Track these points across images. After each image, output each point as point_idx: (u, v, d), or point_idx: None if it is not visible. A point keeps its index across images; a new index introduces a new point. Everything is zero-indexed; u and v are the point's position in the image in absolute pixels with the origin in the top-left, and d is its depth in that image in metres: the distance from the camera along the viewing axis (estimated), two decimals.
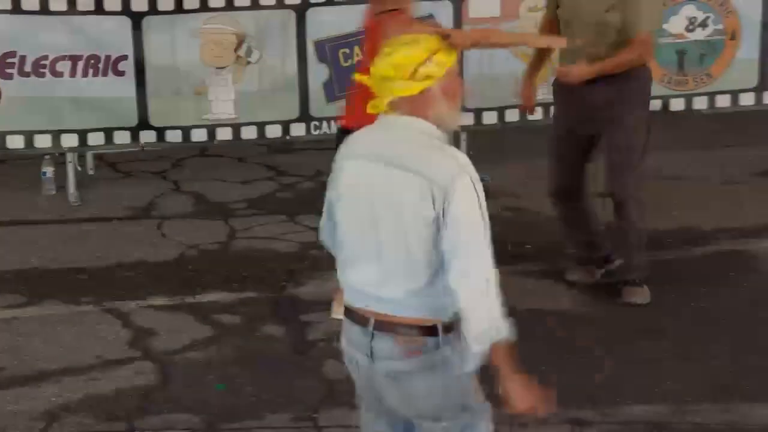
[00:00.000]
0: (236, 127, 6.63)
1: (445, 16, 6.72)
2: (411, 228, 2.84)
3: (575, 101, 5.06)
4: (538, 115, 6.89)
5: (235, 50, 6.60)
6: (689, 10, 6.91)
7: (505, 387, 2.92)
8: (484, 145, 7.11)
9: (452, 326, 2.89)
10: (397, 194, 2.85)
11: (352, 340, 2.97)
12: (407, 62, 2.83)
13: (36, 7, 6.29)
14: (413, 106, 2.86)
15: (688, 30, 6.96)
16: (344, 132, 4.71)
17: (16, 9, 6.26)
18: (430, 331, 2.88)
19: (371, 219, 2.88)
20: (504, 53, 6.80)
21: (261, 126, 6.67)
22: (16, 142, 6.48)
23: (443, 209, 2.81)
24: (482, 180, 3.00)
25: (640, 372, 4.52)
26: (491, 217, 3.00)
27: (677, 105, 7.04)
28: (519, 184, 6.74)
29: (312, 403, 4.31)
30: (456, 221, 2.81)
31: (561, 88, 5.13)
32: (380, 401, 3.03)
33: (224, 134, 6.63)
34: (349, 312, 2.98)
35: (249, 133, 6.66)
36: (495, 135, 7.10)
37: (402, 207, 2.84)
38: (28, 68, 6.37)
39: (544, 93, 6.87)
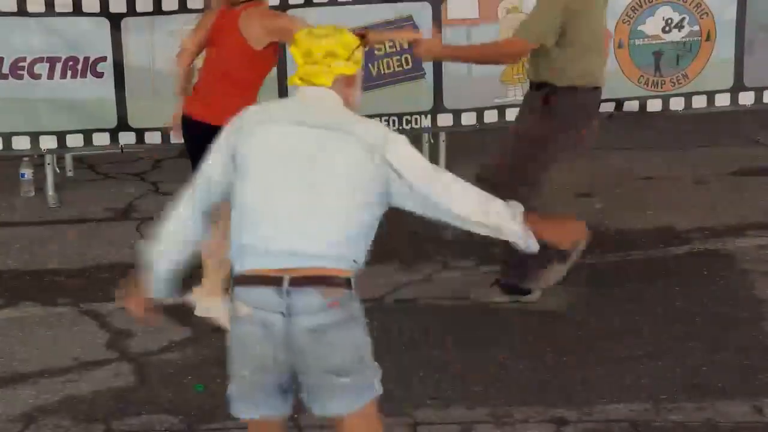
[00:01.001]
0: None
1: (424, 18, 6.74)
2: (341, 183, 3.03)
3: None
4: (515, 115, 6.94)
5: None
6: (665, 12, 6.95)
7: (549, 236, 3.19)
8: (462, 146, 7.14)
9: (353, 280, 3.08)
10: (328, 153, 3.04)
11: (262, 303, 2.99)
12: (350, 44, 3.14)
13: (13, 8, 6.27)
14: (344, 85, 3.16)
15: (664, 31, 7.00)
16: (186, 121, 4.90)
17: None
18: (347, 283, 3.04)
19: (295, 178, 3.02)
20: None
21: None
22: None
23: (386, 164, 3.05)
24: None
25: (617, 370, 4.54)
26: None
27: (654, 106, 7.08)
28: None
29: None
30: (408, 165, 3.07)
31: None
32: (285, 363, 3.04)
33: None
34: (251, 277, 3.01)
35: None
36: (473, 136, 7.12)
37: (333, 164, 3.03)
38: (5, 70, 6.34)
39: (519, 95, 6.94)
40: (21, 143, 6.46)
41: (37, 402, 4.34)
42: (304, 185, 3.02)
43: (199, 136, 4.58)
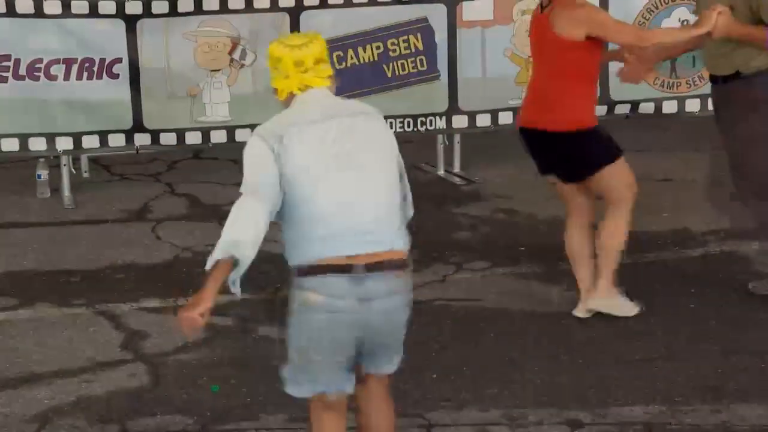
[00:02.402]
0: (231, 130, 6.64)
1: (438, 20, 6.75)
2: (391, 164, 3.33)
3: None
4: None
5: (230, 53, 6.61)
6: (681, 13, 6.93)
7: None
8: (477, 147, 7.14)
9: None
10: (371, 134, 3.33)
11: (335, 293, 3.21)
12: (325, 47, 3.43)
13: (30, 10, 6.30)
14: (332, 81, 3.43)
15: None
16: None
17: (11, 12, 6.28)
18: (407, 263, 3.32)
19: (354, 167, 3.24)
20: (498, 55, 6.83)
21: (255, 128, 6.66)
22: (10, 145, 6.49)
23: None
24: (474, 182, 3.16)
25: (632, 372, 4.53)
26: (485, 219, 3.06)
27: (670, 108, 7.06)
28: (512, 186, 6.76)
29: (305, 404, 4.31)
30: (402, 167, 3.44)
31: None
32: (355, 343, 3.28)
33: (219, 137, 6.65)
34: (324, 267, 3.21)
35: (243, 135, 6.66)
36: (488, 137, 7.12)
37: (380, 144, 3.33)
38: (22, 71, 6.38)
39: None
40: (37, 144, 6.49)
41: (53, 402, 4.36)
42: (356, 172, 3.25)
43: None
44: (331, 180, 3.23)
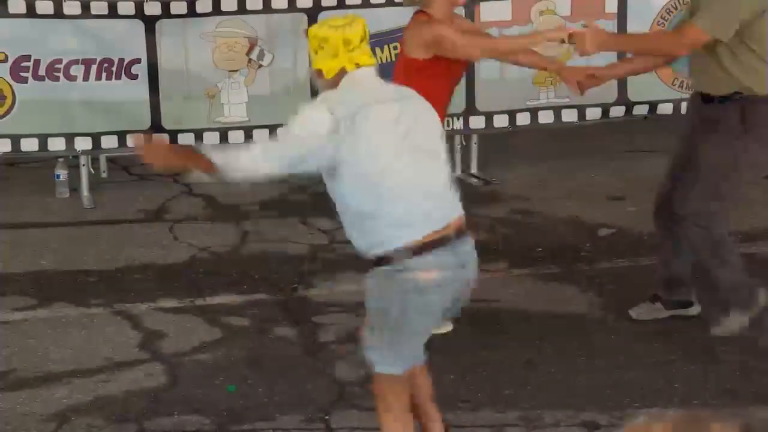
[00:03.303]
0: (248, 130, 6.66)
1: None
2: (442, 142, 3.53)
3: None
4: (548, 118, 6.93)
5: (247, 54, 6.63)
6: None
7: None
8: (494, 148, 7.12)
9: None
10: (426, 116, 3.49)
11: (443, 265, 3.35)
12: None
13: (50, 11, 6.33)
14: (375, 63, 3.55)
15: None
16: None
17: (31, 13, 6.31)
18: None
19: (420, 146, 3.39)
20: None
21: (273, 128, 6.67)
22: (30, 145, 6.52)
23: None
24: (491, 182, 3.23)
25: (649, 374, 4.51)
26: (502, 220, 3.06)
27: None
28: (530, 187, 6.75)
29: (323, 404, 4.32)
30: None
31: None
32: (444, 309, 3.49)
33: (236, 137, 6.66)
34: (429, 243, 3.33)
35: (261, 135, 6.68)
36: (506, 138, 7.11)
37: (434, 125, 3.52)
38: (42, 72, 6.41)
39: (551, 97, 6.92)
40: (56, 144, 6.52)
41: (71, 402, 4.37)
42: (423, 151, 3.40)
43: None
44: (405, 160, 3.36)
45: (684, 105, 7.02)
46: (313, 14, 6.58)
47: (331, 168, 3.39)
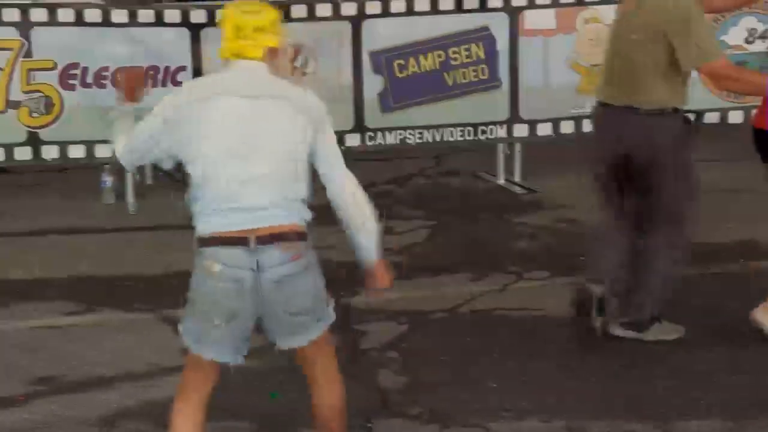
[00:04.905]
0: None
1: (500, 29, 6.74)
2: (287, 148, 3.39)
3: None
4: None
5: (291, 61, 6.65)
6: (749, 22, 6.86)
7: (377, 266, 3.66)
8: (538, 156, 7.10)
9: (307, 232, 3.46)
10: (272, 120, 3.38)
11: (234, 262, 3.36)
12: (276, 19, 3.45)
13: (98, 19, 6.41)
14: (272, 56, 3.44)
15: (747, 42, 6.90)
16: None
17: (80, 21, 6.39)
18: (303, 236, 3.44)
19: (248, 146, 3.34)
20: (560, 64, 6.81)
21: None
22: (77, 152, 6.60)
23: (315, 135, 3.44)
24: (534, 191, 3.14)
25: (692, 385, 4.48)
26: (545, 229, 3.03)
27: (735, 117, 6.98)
28: (573, 195, 6.71)
29: (366, 412, 4.32)
30: (331, 144, 3.53)
31: None
32: (252, 314, 3.42)
33: None
34: (222, 239, 3.37)
35: None
36: (549, 146, 7.08)
37: (277, 131, 3.38)
38: (89, 79, 6.49)
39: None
40: (103, 151, 6.59)
41: (115, 407, 4.41)
42: (256, 155, 3.35)
43: None
44: (224, 155, 3.34)
45: (731, 114, 6.98)
46: (357, 22, 6.62)
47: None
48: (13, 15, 6.35)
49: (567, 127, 6.88)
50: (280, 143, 3.38)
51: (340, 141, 6.78)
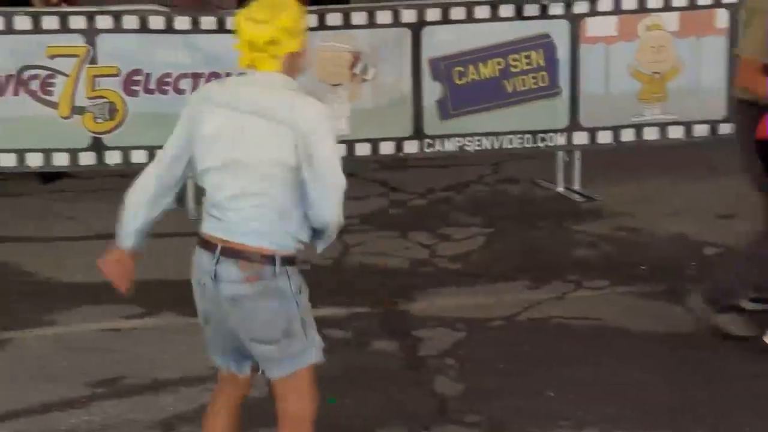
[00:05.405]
0: (350, 144, 6.70)
1: (561, 36, 6.70)
2: (272, 171, 3.29)
3: None
4: (654, 134, 6.83)
5: (351, 68, 6.68)
6: None
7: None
8: (598, 164, 7.05)
9: (292, 260, 3.38)
10: (261, 140, 3.30)
11: (201, 265, 3.43)
12: (292, 23, 3.33)
13: (161, 25, 6.49)
14: (292, 59, 3.37)
15: None
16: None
17: (143, 28, 6.48)
18: (269, 260, 3.32)
19: (234, 160, 3.31)
20: (622, 72, 6.75)
21: (374, 143, 6.73)
22: (139, 157, 6.66)
23: (306, 154, 3.28)
24: (594, 199, 3.09)
25: (754, 393, 4.41)
26: (605, 237, 3.00)
27: None
28: (634, 204, 6.66)
29: (424, 419, 4.32)
30: (319, 165, 3.30)
31: None
32: (222, 322, 3.45)
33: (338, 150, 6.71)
34: (202, 240, 3.45)
35: (362, 149, 6.73)
36: (609, 154, 7.03)
37: (265, 152, 3.30)
38: (152, 86, 6.56)
39: (657, 113, 6.82)
40: None
41: (176, 410, 4.45)
42: (240, 170, 3.31)
43: None
44: (217, 165, 3.36)
45: None
46: (416, 29, 6.62)
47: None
48: (79, 22, 6.45)
49: (628, 135, 6.82)
50: (267, 161, 3.31)
51: (399, 148, 6.83)
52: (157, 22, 6.47)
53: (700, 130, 6.83)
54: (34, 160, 6.61)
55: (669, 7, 6.67)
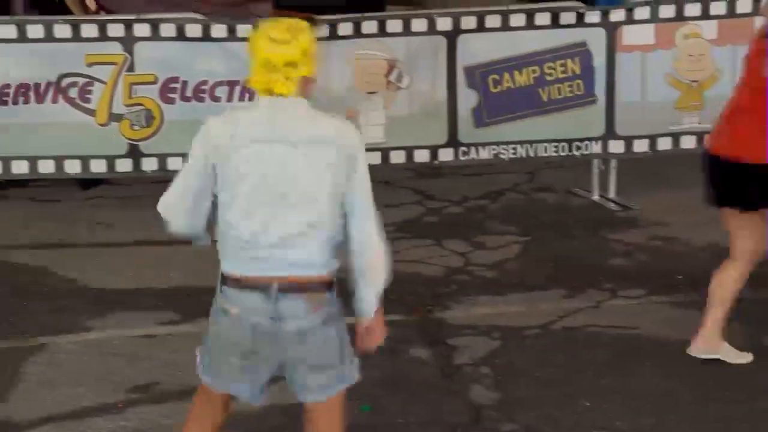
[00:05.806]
0: (385, 151, 6.72)
1: (598, 44, 6.68)
2: (320, 198, 3.21)
3: None
4: (691, 143, 6.79)
5: (386, 76, 6.70)
6: None
7: (375, 322, 3.40)
8: (634, 173, 7.02)
9: (334, 282, 3.31)
10: (305, 169, 3.20)
11: (249, 307, 3.26)
12: (309, 46, 3.23)
13: (198, 33, 6.53)
14: (305, 83, 3.26)
15: None
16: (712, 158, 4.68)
17: (180, 36, 6.53)
18: (329, 286, 3.29)
19: (278, 193, 3.20)
20: (659, 80, 6.72)
21: (409, 150, 6.74)
22: (176, 164, 6.70)
23: (348, 174, 3.23)
24: (629, 208, 3.06)
25: None
26: (641, 246, 2.98)
27: None
28: (670, 213, 6.62)
29: (458, 427, 4.32)
30: (361, 186, 3.26)
31: None
32: (271, 357, 3.32)
33: (373, 158, 6.71)
34: (242, 281, 3.28)
35: (397, 157, 6.74)
36: (645, 162, 6.99)
37: (310, 181, 3.20)
38: (188, 93, 6.61)
39: (695, 122, 6.78)
40: None
41: None
42: (286, 202, 3.21)
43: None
44: (247, 201, 3.22)
45: None
46: (452, 37, 6.62)
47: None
48: (118, 30, 6.51)
49: (664, 144, 6.79)
50: (307, 189, 3.21)
51: (434, 155, 6.83)
52: (194, 30, 6.52)
53: None
54: (73, 167, 6.68)
55: (707, 16, 6.64)
